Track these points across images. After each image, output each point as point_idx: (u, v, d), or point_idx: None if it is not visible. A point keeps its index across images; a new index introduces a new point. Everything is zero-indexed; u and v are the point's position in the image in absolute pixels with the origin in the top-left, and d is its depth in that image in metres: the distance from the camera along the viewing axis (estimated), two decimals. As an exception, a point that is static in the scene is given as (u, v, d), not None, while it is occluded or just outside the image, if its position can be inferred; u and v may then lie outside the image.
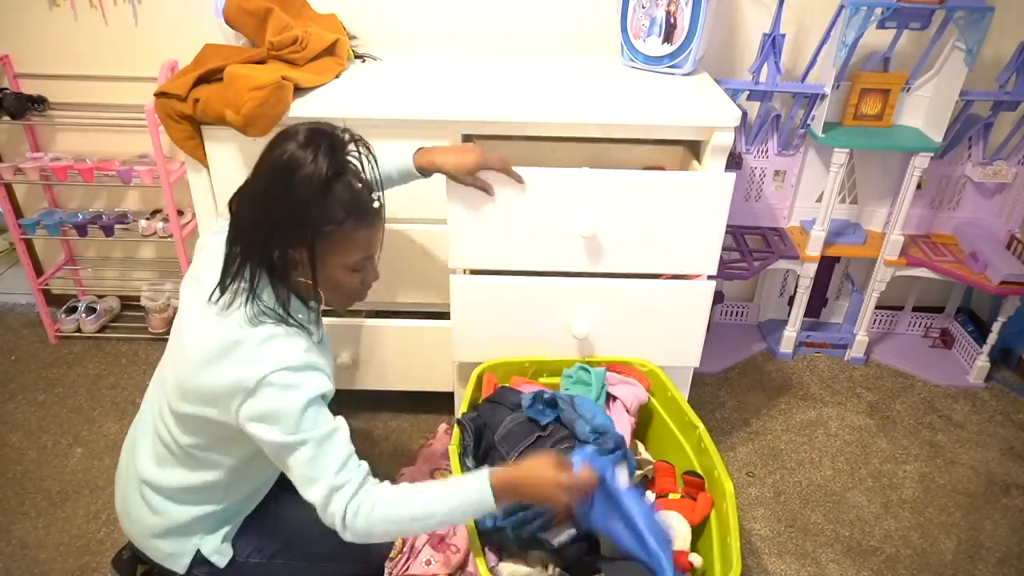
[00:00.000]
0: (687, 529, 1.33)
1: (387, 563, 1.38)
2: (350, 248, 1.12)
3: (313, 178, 1.04)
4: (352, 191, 1.09)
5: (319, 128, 1.09)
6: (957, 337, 2.43)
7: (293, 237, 1.08)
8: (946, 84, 2.00)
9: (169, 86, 1.60)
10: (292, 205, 1.06)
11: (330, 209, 1.07)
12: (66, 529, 1.72)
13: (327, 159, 1.05)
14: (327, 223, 1.08)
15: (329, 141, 1.08)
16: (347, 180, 1.09)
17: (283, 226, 1.08)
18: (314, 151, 1.05)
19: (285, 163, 1.05)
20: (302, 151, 1.05)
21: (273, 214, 1.07)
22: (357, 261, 1.15)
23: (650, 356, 1.62)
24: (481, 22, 2.09)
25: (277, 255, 1.09)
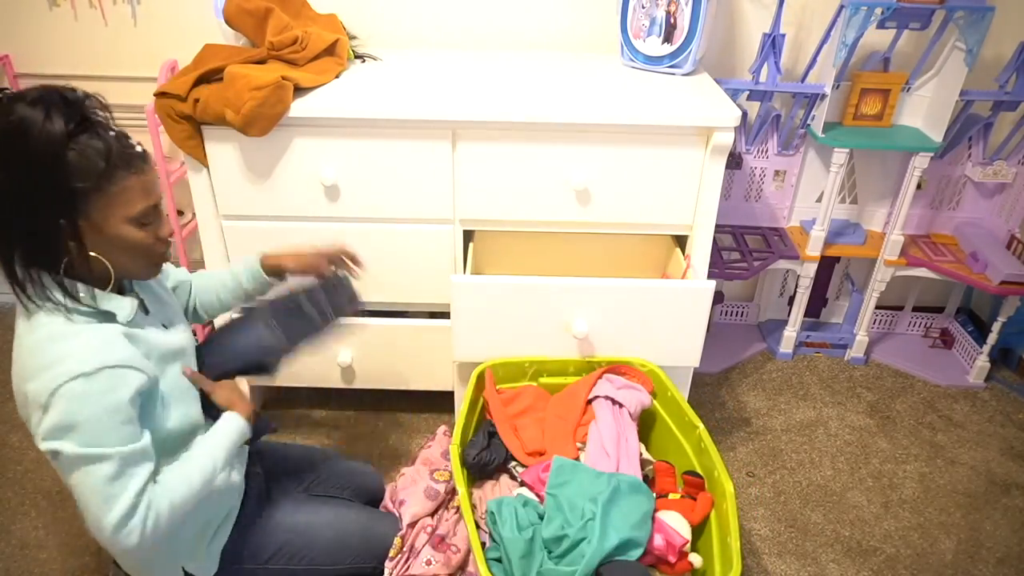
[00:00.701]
0: (687, 529, 1.33)
1: (387, 563, 1.38)
2: (127, 198, 1.02)
3: (53, 133, 0.94)
4: (104, 139, 0.99)
5: (48, 87, 0.98)
6: (957, 337, 2.43)
7: (54, 205, 0.97)
8: (946, 84, 2.00)
9: (169, 86, 1.60)
10: (37, 168, 0.95)
11: (85, 162, 0.97)
12: (66, 529, 1.72)
13: (63, 112, 0.96)
14: (86, 177, 0.97)
15: (60, 96, 0.97)
16: (95, 130, 0.99)
17: (41, 196, 0.96)
18: (45, 107, 0.95)
19: (16, 124, 0.93)
20: (32, 109, 0.94)
21: (20, 186, 0.96)
22: (141, 211, 1.04)
23: (650, 356, 1.62)
24: (481, 22, 2.09)
25: (45, 233, 0.98)
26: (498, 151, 1.65)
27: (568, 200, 1.70)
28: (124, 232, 1.05)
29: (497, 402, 1.53)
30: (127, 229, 1.05)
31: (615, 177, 1.67)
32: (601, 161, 1.65)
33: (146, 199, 1.06)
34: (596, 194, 1.69)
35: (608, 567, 1.19)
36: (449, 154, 1.65)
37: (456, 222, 1.75)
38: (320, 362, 1.89)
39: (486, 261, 1.90)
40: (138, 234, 1.06)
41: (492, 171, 1.67)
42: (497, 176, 1.68)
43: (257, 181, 1.69)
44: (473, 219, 1.75)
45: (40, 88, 0.98)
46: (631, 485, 1.31)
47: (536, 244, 1.87)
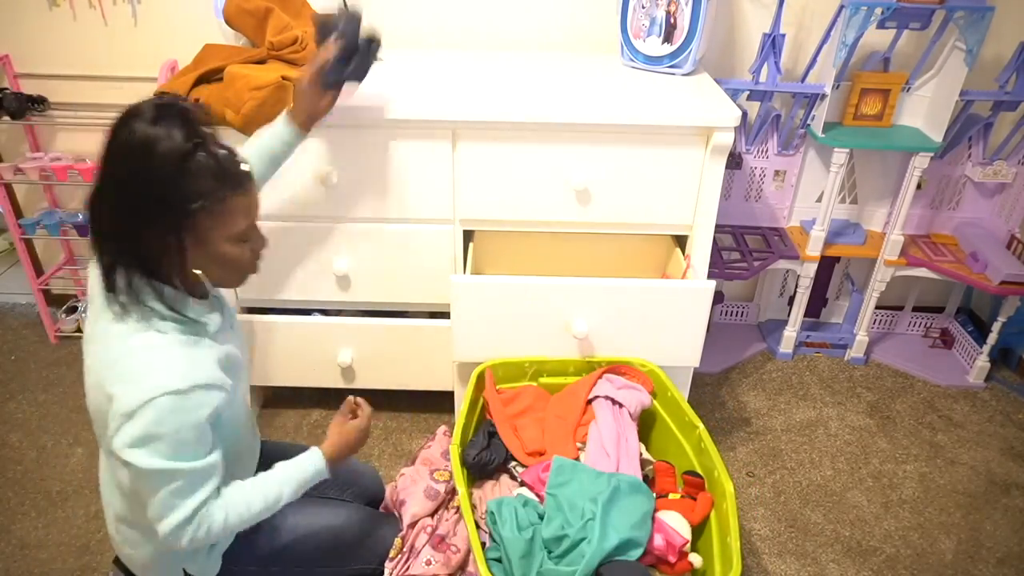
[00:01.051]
0: (687, 529, 1.33)
1: (387, 563, 1.38)
2: (232, 218, 1.05)
3: (173, 152, 0.97)
4: (217, 159, 1.01)
5: (163, 102, 1.01)
6: (957, 337, 2.43)
7: (167, 221, 1.00)
8: (946, 84, 2.00)
9: (169, 86, 1.60)
10: (158, 186, 0.97)
11: (199, 181, 0.99)
12: (66, 529, 1.72)
13: (182, 130, 0.98)
14: (200, 196, 1.00)
15: (179, 112, 1.00)
16: (209, 148, 1.01)
17: (152, 212, 0.99)
18: (166, 125, 0.97)
19: (139, 143, 0.96)
20: (153, 128, 0.97)
21: (138, 202, 0.99)
22: (242, 230, 1.07)
23: (650, 356, 1.62)
24: (481, 22, 2.09)
25: (154, 247, 1.01)
26: (498, 151, 1.65)
27: (568, 200, 1.70)
28: (225, 249, 1.07)
29: (497, 402, 1.53)
30: (228, 247, 1.07)
31: (615, 177, 1.67)
32: (601, 161, 1.65)
33: (248, 218, 1.08)
34: (596, 194, 1.69)
35: (608, 567, 1.19)
36: (449, 154, 1.65)
37: (456, 222, 1.75)
38: (320, 362, 1.89)
39: (486, 261, 1.90)
40: (237, 251, 1.09)
41: (492, 171, 1.67)
42: (497, 176, 1.68)
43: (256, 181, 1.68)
44: (473, 219, 1.75)
45: (158, 103, 1.00)
46: (631, 485, 1.31)
47: (536, 244, 1.87)
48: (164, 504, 1.04)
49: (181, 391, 1.00)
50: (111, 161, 1.00)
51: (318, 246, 1.77)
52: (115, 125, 0.99)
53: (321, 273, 1.80)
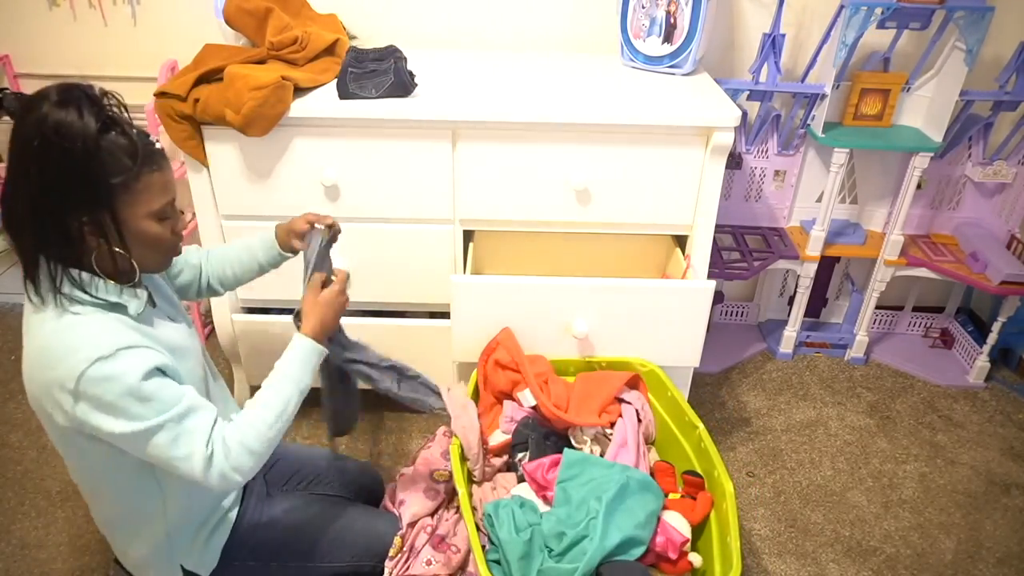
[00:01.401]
0: (687, 528, 1.33)
1: (387, 563, 1.38)
2: (149, 195, 1.05)
3: (86, 131, 0.97)
4: (129, 137, 1.02)
5: (67, 85, 1.00)
6: (957, 337, 2.43)
7: (85, 201, 1.00)
8: (946, 84, 2.00)
9: (169, 86, 1.60)
10: (75, 168, 0.98)
11: (114, 159, 1.00)
12: (66, 529, 1.72)
13: (92, 111, 0.98)
14: (117, 174, 1.00)
15: (85, 94, 1.00)
16: (121, 128, 1.02)
17: (70, 193, 0.99)
18: (76, 107, 0.97)
19: (52, 127, 0.96)
20: (63, 110, 0.96)
21: (56, 185, 0.99)
22: (162, 207, 1.08)
23: (650, 356, 1.62)
24: (481, 22, 2.09)
25: (73, 229, 1.01)
26: (498, 151, 1.65)
27: (568, 200, 1.70)
28: (145, 227, 1.07)
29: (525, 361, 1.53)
30: (148, 224, 1.07)
31: (615, 177, 1.67)
32: (601, 161, 1.65)
33: (166, 195, 1.09)
34: (596, 194, 1.69)
35: (608, 567, 1.19)
36: (449, 154, 1.65)
37: (456, 222, 1.75)
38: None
39: (486, 261, 1.90)
40: (157, 228, 1.09)
41: (492, 171, 1.67)
42: (497, 176, 1.68)
43: (257, 181, 1.69)
44: (473, 219, 1.75)
45: (61, 87, 0.99)
46: (641, 483, 1.31)
47: (536, 244, 1.87)
48: (175, 461, 1.05)
49: (105, 356, 1.00)
50: (23, 148, 0.99)
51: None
52: (21, 112, 0.99)
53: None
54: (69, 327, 1.03)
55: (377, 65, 1.60)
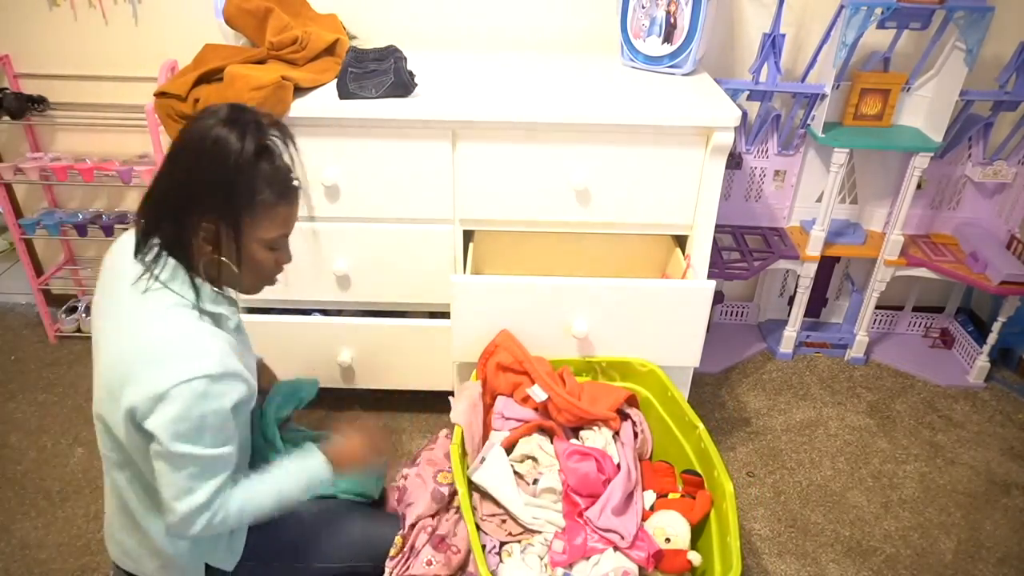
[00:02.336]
0: (687, 528, 1.33)
1: (388, 563, 1.38)
2: (271, 223, 1.12)
3: (242, 153, 1.05)
4: (275, 168, 1.10)
5: (241, 106, 1.10)
6: (957, 337, 2.43)
7: (215, 212, 1.07)
8: (946, 84, 2.00)
9: (169, 86, 1.60)
10: (220, 179, 1.05)
11: (256, 183, 1.08)
12: (66, 529, 1.72)
13: (253, 136, 1.06)
14: (252, 196, 1.08)
15: (253, 119, 1.09)
16: (271, 157, 1.10)
17: (206, 201, 1.07)
18: (240, 129, 1.05)
19: (213, 140, 1.05)
20: (227, 129, 1.05)
21: (199, 189, 1.06)
22: (275, 238, 1.14)
23: (650, 356, 1.62)
24: (481, 22, 2.09)
25: (192, 226, 1.08)
26: (498, 151, 1.65)
27: (568, 200, 1.70)
28: (255, 251, 1.13)
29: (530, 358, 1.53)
30: (258, 249, 1.14)
31: (615, 177, 1.67)
32: (601, 161, 1.65)
33: (284, 228, 1.16)
34: (596, 194, 1.69)
35: None
36: (449, 154, 1.65)
37: (456, 222, 1.75)
38: (320, 362, 1.89)
39: (486, 261, 1.90)
40: (265, 256, 1.15)
41: (492, 171, 1.67)
42: (497, 176, 1.68)
43: (257, 181, 1.68)
44: (473, 219, 1.75)
45: (235, 107, 1.09)
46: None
47: (536, 244, 1.87)
48: (179, 488, 1.06)
49: (214, 376, 1.04)
50: (183, 152, 1.08)
51: (318, 246, 1.77)
52: (190, 121, 1.09)
53: (321, 273, 1.80)
54: (191, 334, 1.07)
55: (377, 65, 1.60)
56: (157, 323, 1.07)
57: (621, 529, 1.31)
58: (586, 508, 1.35)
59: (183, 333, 1.07)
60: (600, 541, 1.31)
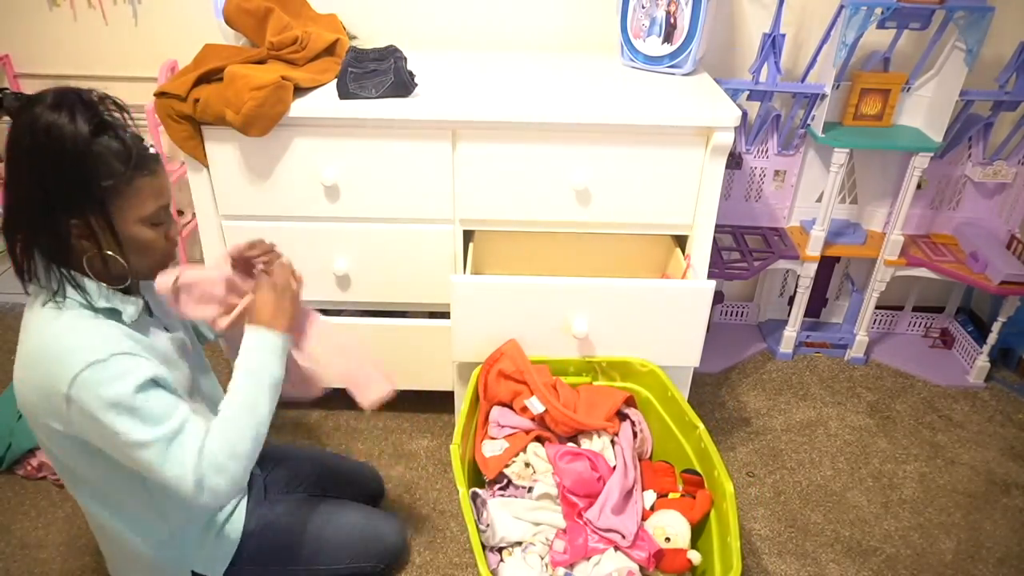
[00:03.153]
0: (686, 527, 1.33)
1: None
2: (142, 199, 1.06)
3: (77, 134, 0.98)
4: (122, 141, 1.04)
5: (63, 89, 1.02)
6: (957, 337, 2.43)
7: (77, 203, 1.01)
8: (946, 84, 2.00)
9: (169, 86, 1.60)
10: (64, 169, 0.99)
11: (106, 162, 1.01)
12: (66, 529, 1.72)
13: (85, 115, 1.00)
14: (108, 177, 1.02)
15: (77, 96, 1.02)
16: (113, 132, 1.03)
17: (61, 194, 1.01)
18: (68, 109, 0.99)
19: (43, 128, 0.98)
20: (56, 113, 0.98)
21: (46, 185, 1.00)
22: (154, 212, 1.08)
23: (650, 356, 1.62)
24: (481, 22, 2.09)
25: (64, 230, 1.02)
26: (498, 151, 1.65)
27: (568, 200, 1.70)
28: (136, 232, 1.08)
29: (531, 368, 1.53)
30: (139, 229, 1.08)
31: (615, 177, 1.67)
32: (601, 161, 1.65)
33: (158, 200, 1.09)
34: (596, 194, 1.69)
35: None
36: (449, 154, 1.65)
37: (456, 222, 1.75)
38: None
39: (486, 261, 1.90)
40: (149, 234, 1.09)
41: (492, 171, 1.67)
42: (497, 176, 1.68)
43: (257, 181, 1.69)
44: (473, 219, 1.75)
45: (57, 90, 1.01)
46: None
47: (536, 244, 1.87)
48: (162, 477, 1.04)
49: (101, 360, 1.00)
50: (16, 148, 1.01)
51: (318, 246, 1.77)
52: (16, 112, 1.01)
53: (321, 273, 1.80)
54: (64, 331, 1.03)
55: (377, 65, 1.60)
56: (35, 337, 1.04)
57: (622, 528, 1.31)
58: (584, 508, 1.35)
59: (55, 335, 1.03)
60: (601, 541, 1.31)
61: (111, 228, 1.04)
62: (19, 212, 1.04)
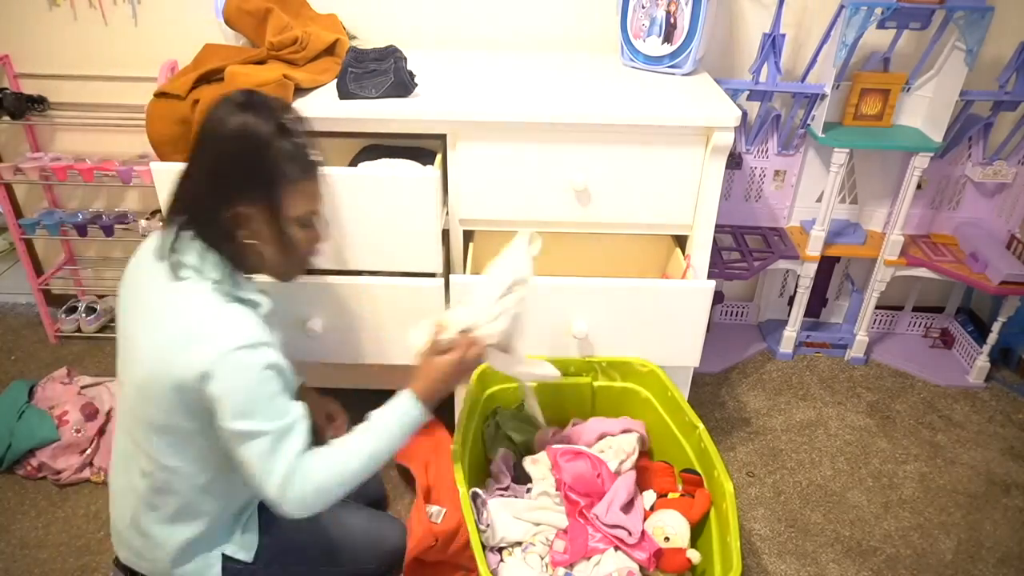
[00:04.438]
0: (686, 527, 1.33)
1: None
2: (299, 199, 1.15)
3: (261, 134, 1.09)
4: (295, 144, 1.13)
5: (249, 91, 1.16)
6: (957, 337, 2.43)
7: (246, 194, 1.11)
8: (946, 84, 2.00)
9: (169, 86, 1.60)
10: (243, 161, 1.10)
11: (280, 160, 1.11)
12: (66, 529, 1.72)
13: (269, 117, 1.10)
14: (280, 175, 1.11)
15: (265, 102, 1.13)
16: (291, 136, 1.13)
17: (236, 184, 1.11)
18: (256, 111, 1.10)
19: (237, 126, 1.09)
20: (246, 113, 1.10)
21: (230, 177, 1.11)
22: (306, 214, 1.17)
23: (650, 356, 1.62)
24: (481, 22, 2.09)
25: (227, 218, 1.11)
26: (498, 151, 1.65)
27: (568, 200, 1.70)
28: (290, 231, 1.16)
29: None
30: (291, 228, 1.16)
31: (615, 177, 1.67)
32: (601, 161, 1.65)
33: (313, 203, 1.19)
34: (596, 194, 1.69)
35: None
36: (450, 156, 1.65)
37: (456, 222, 1.75)
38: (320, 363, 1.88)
39: (486, 261, 1.90)
40: (299, 234, 1.18)
41: (492, 171, 1.67)
42: (497, 176, 1.68)
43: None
44: (473, 219, 1.75)
45: (246, 92, 1.15)
46: None
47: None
48: (257, 470, 1.08)
49: (251, 345, 1.07)
50: (205, 141, 1.12)
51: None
52: (207, 112, 1.13)
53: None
54: (216, 315, 1.10)
55: (377, 65, 1.60)
56: (188, 309, 1.10)
57: (629, 525, 1.31)
58: (586, 507, 1.35)
59: (215, 313, 1.10)
60: (602, 541, 1.31)
61: (274, 221, 1.13)
62: (193, 197, 1.13)
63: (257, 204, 1.11)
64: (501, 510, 1.38)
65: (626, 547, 1.29)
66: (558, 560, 1.30)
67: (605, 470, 1.40)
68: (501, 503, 1.39)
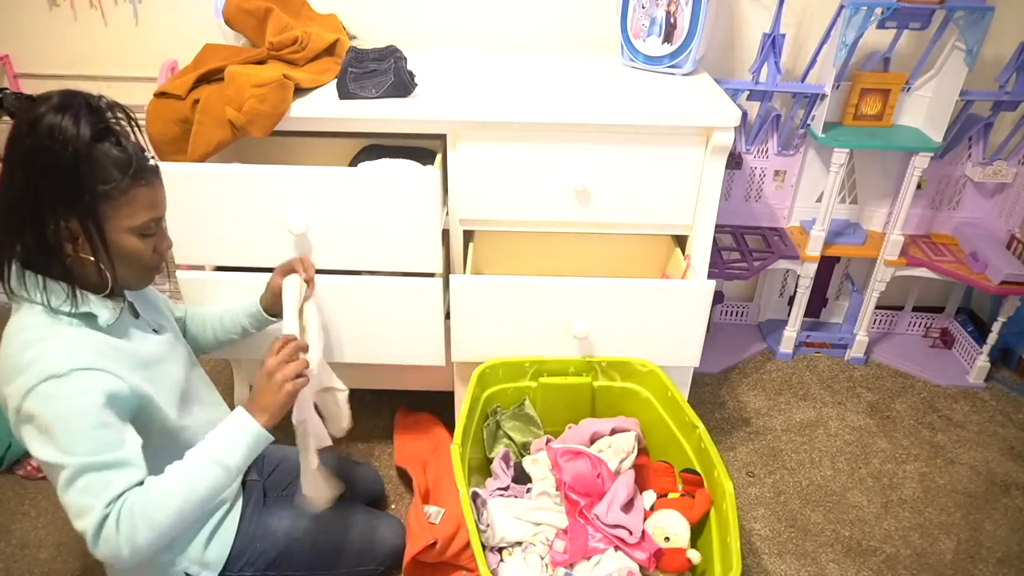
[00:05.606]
0: (686, 527, 1.33)
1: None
2: (134, 209, 1.05)
3: (80, 139, 0.98)
4: (123, 149, 1.03)
5: (71, 91, 1.02)
6: (957, 337, 2.43)
7: (67, 207, 1.00)
8: (946, 84, 2.00)
9: (169, 86, 1.60)
10: (60, 170, 0.98)
11: (103, 169, 1.00)
12: (66, 529, 1.72)
13: (89, 120, 1.00)
14: (103, 183, 1.01)
15: (84, 101, 1.01)
16: (115, 139, 1.03)
17: (53, 197, 0.99)
18: (73, 113, 0.99)
19: (46, 129, 0.97)
20: (60, 116, 0.98)
21: (40, 184, 0.99)
22: (144, 223, 1.07)
23: (650, 356, 1.62)
24: (481, 22, 2.09)
25: (50, 232, 1.01)
26: (497, 151, 1.65)
27: (568, 200, 1.70)
28: (124, 241, 1.07)
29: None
30: (128, 239, 1.07)
31: (615, 177, 1.67)
32: (601, 161, 1.65)
33: (151, 212, 1.08)
34: (596, 194, 1.69)
35: None
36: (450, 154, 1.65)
37: (456, 221, 1.75)
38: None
39: (486, 261, 1.90)
40: (138, 245, 1.08)
41: (492, 171, 1.67)
42: (497, 176, 1.68)
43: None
44: (473, 219, 1.75)
45: (64, 92, 1.01)
46: None
47: (536, 244, 1.87)
48: (75, 508, 0.99)
49: (59, 375, 0.98)
50: (15, 147, 1.00)
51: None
52: (21, 112, 1.00)
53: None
54: (35, 341, 1.01)
55: (377, 65, 1.60)
56: (9, 340, 1.03)
57: (630, 525, 1.31)
58: (587, 507, 1.35)
59: (28, 342, 1.01)
60: (602, 541, 1.31)
61: (100, 234, 1.03)
62: (8, 212, 1.02)
63: (81, 217, 1.00)
64: (501, 510, 1.38)
65: (626, 547, 1.29)
66: (558, 560, 1.30)
67: (605, 470, 1.40)
68: (501, 503, 1.39)
